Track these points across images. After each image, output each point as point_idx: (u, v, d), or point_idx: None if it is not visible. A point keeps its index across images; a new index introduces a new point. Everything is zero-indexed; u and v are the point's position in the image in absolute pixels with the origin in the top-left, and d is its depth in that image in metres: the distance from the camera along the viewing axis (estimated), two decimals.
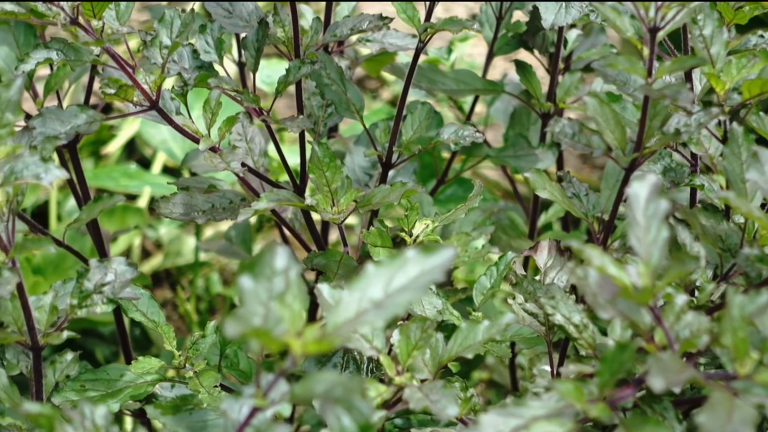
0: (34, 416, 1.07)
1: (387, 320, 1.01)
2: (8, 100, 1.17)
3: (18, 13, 1.28)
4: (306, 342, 1.00)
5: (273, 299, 1.02)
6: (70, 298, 1.29)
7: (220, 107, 1.40)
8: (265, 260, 1.03)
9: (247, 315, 1.00)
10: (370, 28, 1.45)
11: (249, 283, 1.02)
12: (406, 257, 1.02)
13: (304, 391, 1.02)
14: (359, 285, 1.02)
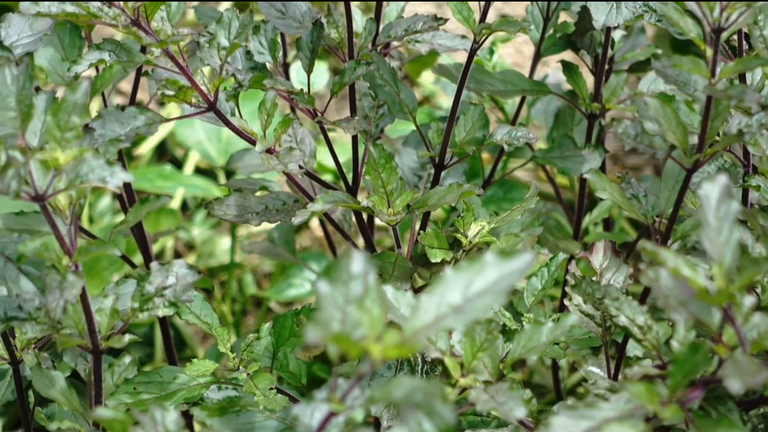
0: (108, 421, 1.07)
1: (466, 325, 1.01)
2: (74, 103, 1.16)
3: (79, 14, 1.27)
4: (386, 347, 1.00)
5: (349, 304, 1.02)
6: (131, 301, 1.28)
7: (275, 108, 1.39)
8: (342, 265, 1.02)
9: (326, 320, 1.00)
10: (424, 29, 1.44)
11: (326, 287, 1.01)
12: (485, 261, 1.01)
13: (382, 395, 1.01)
14: (437, 289, 1.01)
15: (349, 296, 1.02)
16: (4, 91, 1.16)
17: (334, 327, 1.00)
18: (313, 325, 0.99)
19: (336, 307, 1.01)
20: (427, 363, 1.46)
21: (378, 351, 1.00)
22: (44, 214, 1.19)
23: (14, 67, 1.17)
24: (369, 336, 1.00)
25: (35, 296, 1.27)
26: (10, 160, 1.12)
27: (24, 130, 1.17)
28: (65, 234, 1.21)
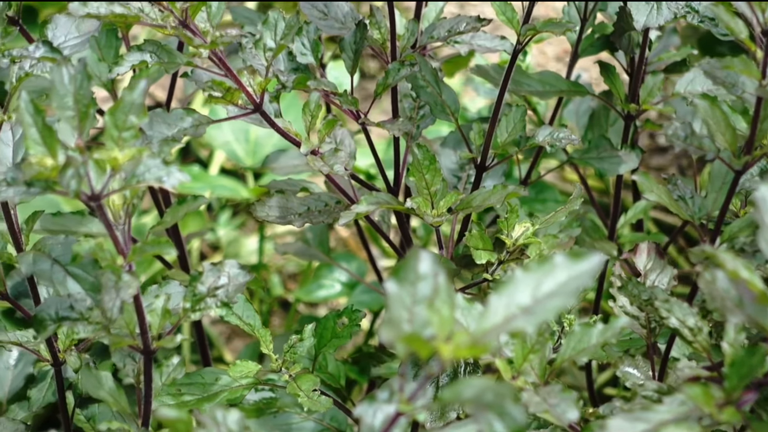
0: (171, 421, 1.07)
1: (537, 326, 1.01)
2: (131, 102, 1.16)
3: (128, 15, 1.27)
4: (457, 348, 1.00)
5: (417, 304, 1.02)
6: (183, 301, 1.28)
7: (319, 110, 1.39)
8: (410, 265, 1.02)
9: (398, 321, 1.00)
10: (467, 29, 1.44)
11: (394, 287, 1.01)
12: (555, 263, 1.01)
13: (452, 396, 1.01)
14: (506, 290, 1.01)
15: (417, 296, 1.02)
16: (62, 90, 1.16)
17: (406, 328, 1.00)
18: (386, 326, 0.99)
19: (404, 307, 1.01)
20: (469, 365, 1.46)
21: (448, 351, 1.00)
22: (99, 214, 1.18)
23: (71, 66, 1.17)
24: (439, 336, 1.00)
25: (87, 296, 1.27)
26: (69, 160, 1.12)
27: (82, 129, 1.16)
28: (119, 234, 1.21)
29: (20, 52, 1.25)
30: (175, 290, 1.41)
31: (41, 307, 1.26)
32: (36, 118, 1.15)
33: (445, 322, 1.01)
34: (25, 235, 1.38)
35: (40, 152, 1.15)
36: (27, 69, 1.30)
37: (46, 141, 1.14)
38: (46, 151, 1.15)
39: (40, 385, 1.52)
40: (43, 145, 1.15)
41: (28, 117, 1.15)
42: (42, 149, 1.15)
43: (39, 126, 1.15)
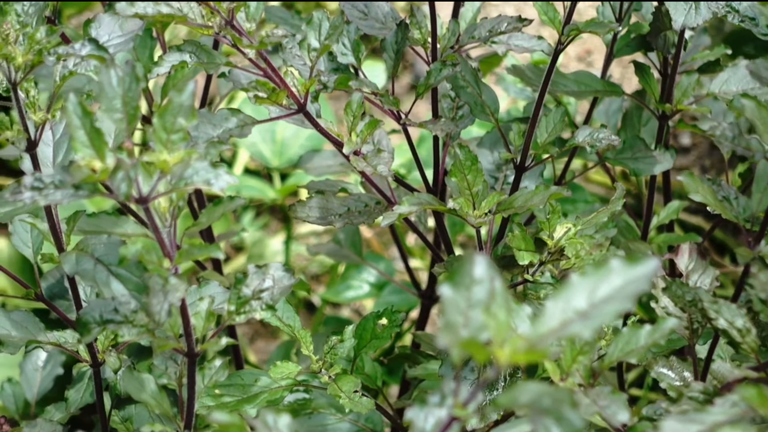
0: (224, 425, 1.06)
1: (594, 330, 1.00)
2: (180, 104, 1.15)
3: (175, 15, 1.26)
4: (514, 352, 0.99)
5: (472, 308, 1.01)
6: (228, 304, 1.27)
7: (361, 110, 1.39)
8: (464, 269, 1.02)
9: (455, 325, 1.00)
10: (508, 29, 1.43)
11: (449, 292, 1.01)
12: (610, 267, 1.00)
13: (508, 401, 1.01)
14: (563, 295, 1.01)
15: (472, 300, 1.02)
16: (110, 92, 1.15)
17: (463, 333, 0.99)
18: (444, 331, 0.98)
19: (458, 312, 1.01)
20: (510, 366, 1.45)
21: (505, 356, 0.99)
22: (147, 217, 1.18)
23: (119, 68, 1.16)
24: (495, 341, 1.00)
25: (131, 299, 1.26)
26: (120, 163, 1.12)
27: (130, 131, 1.16)
28: (165, 237, 1.20)
29: (66, 50, 1.24)
30: (215, 291, 1.41)
31: (85, 309, 1.26)
32: (84, 120, 1.15)
33: (501, 326, 1.00)
34: (66, 235, 1.37)
35: (88, 155, 1.14)
36: (70, 67, 1.29)
37: (94, 143, 1.14)
38: (94, 154, 1.14)
39: (78, 386, 1.52)
40: (91, 148, 1.14)
41: (75, 119, 1.15)
42: (90, 152, 1.14)
43: (87, 128, 1.14)
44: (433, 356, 1.63)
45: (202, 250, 1.20)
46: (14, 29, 1.26)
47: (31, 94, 1.30)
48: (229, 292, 1.41)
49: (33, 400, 1.95)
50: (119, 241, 1.31)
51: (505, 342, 1.00)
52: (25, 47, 1.25)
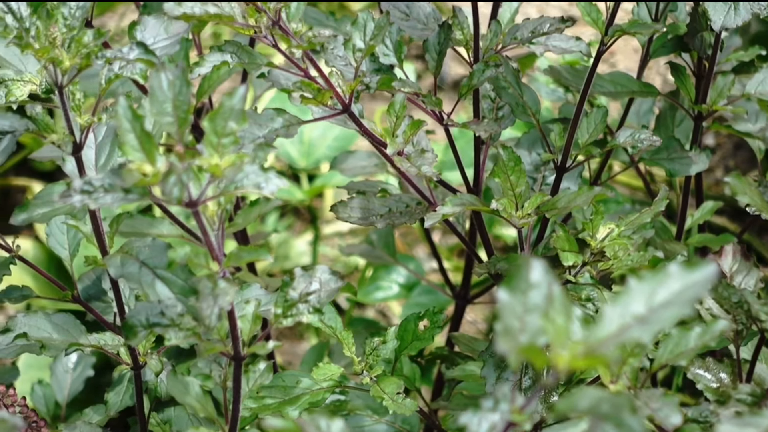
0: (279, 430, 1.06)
1: (653, 336, 1.00)
2: (231, 108, 1.15)
3: (223, 15, 1.26)
4: (574, 357, 0.99)
5: (528, 313, 1.01)
6: (274, 307, 1.27)
7: (404, 111, 1.38)
8: (521, 273, 1.01)
9: (513, 330, 0.99)
10: (551, 30, 1.43)
11: (506, 296, 1.01)
12: (669, 272, 1.00)
13: (567, 407, 1.01)
14: (621, 300, 1.00)
15: (528, 305, 1.01)
16: (161, 96, 1.15)
17: (522, 338, 0.99)
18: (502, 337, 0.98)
19: (515, 317, 1.01)
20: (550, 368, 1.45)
21: (564, 362, 0.99)
22: (197, 221, 1.18)
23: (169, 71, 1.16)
24: (554, 346, 1.00)
25: (177, 302, 1.26)
26: (171, 167, 1.11)
27: (181, 135, 1.16)
28: (213, 240, 1.20)
29: (114, 54, 1.24)
30: (258, 294, 1.41)
31: (132, 313, 1.25)
32: (134, 123, 1.14)
33: (560, 331, 1.00)
34: (110, 237, 1.37)
35: (138, 158, 1.14)
36: (116, 70, 1.29)
37: (144, 147, 1.14)
38: (144, 158, 1.14)
39: (117, 389, 1.52)
40: (141, 152, 1.14)
41: (125, 122, 1.14)
42: (140, 155, 1.14)
43: (137, 132, 1.14)
44: (470, 357, 1.62)
45: (251, 254, 1.20)
46: (61, 32, 1.25)
47: (77, 97, 1.30)
48: (270, 294, 1.41)
49: (63, 402, 1.95)
50: (164, 244, 1.31)
51: (564, 347, 1.00)
52: (72, 51, 1.25)
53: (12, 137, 1.28)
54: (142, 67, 1.29)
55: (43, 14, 1.26)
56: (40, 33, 1.25)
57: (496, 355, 1.45)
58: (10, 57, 1.49)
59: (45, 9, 1.25)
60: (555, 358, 0.99)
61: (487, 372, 1.44)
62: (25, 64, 1.49)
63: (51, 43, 1.24)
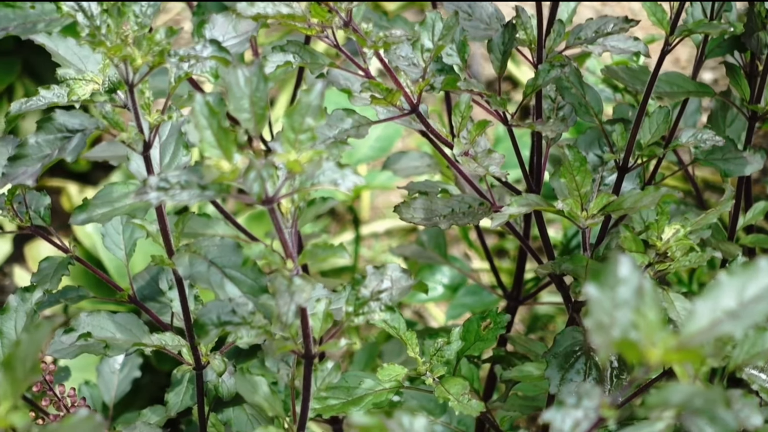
0: (365, 427, 1.06)
1: (744, 330, 0.99)
2: (309, 104, 1.15)
3: (295, 15, 1.25)
4: (666, 352, 0.99)
5: (617, 308, 1.01)
6: (345, 305, 1.27)
7: (469, 111, 1.38)
8: (610, 269, 1.01)
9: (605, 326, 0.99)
10: (615, 30, 1.43)
11: (595, 292, 1.00)
12: (758, 267, 1.00)
13: (659, 402, 1.01)
14: (711, 294, 1.00)
15: (617, 300, 1.01)
16: (238, 93, 1.15)
17: (615, 333, 0.99)
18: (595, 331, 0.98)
19: (604, 312, 1.01)
20: (614, 368, 1.45)
21: (656, 356, 0.99)
22: (272, 218, 1.17)
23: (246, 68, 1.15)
24: (646, 341, 0.99)
25: (247, 301, 1.26)
26: (251, 164, 1.11)
27: (258, 132, 1.15)
28: (288, 237, 1.20)
29: (187, 52, 1.24)
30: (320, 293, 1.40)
31: (202, 311, 1.25)
32: (211, 120, 1.14)
33: (652, 326, 0.99)
34: (176, 238, 1.36)
35: (215, 155, 1.14)
36: (185, 69, 1.29)
37: (221, 144, 1.14)
38: (221, 154, 1.14)
39: (177, 389, 1.51)
40: (218, 148, 1.14)
41: (203, 119, 1.14)
42: (217, 152, 1.14)
43: (214, 129, 1.14)
44: (527, 358, 1.62)
45: (326, 251, 1.19)
46: (132, 30, 1.25)
47: (146, 95, 1.29)
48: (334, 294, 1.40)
49: (111, 402, 1.94)
50: (233, 243, 1.31)
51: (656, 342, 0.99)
52: (144, 49, 1.25)
53: (82, 135, 1.28)
54: (212, 65, 1.28)
55: (114, 12, 1.25)
56: (111, 31, 1.24)
57: (559, 355, 1.45)
58: (70, 56, 1.49)
59: (116, 7, 1.25)
60: (647, 352, 0.99)
61: (551, 373, 1.43)
62: (85, 63, 1.49)
63: (123, 41, 1.24)
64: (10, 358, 1.03)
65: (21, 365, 1.03)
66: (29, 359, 1.03)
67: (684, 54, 2.69)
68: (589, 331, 0.99)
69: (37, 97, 1.39)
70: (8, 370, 1.03)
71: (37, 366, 1.03)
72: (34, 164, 1.27)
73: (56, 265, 1.53)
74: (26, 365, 1.03)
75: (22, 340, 1.03)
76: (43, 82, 2.71)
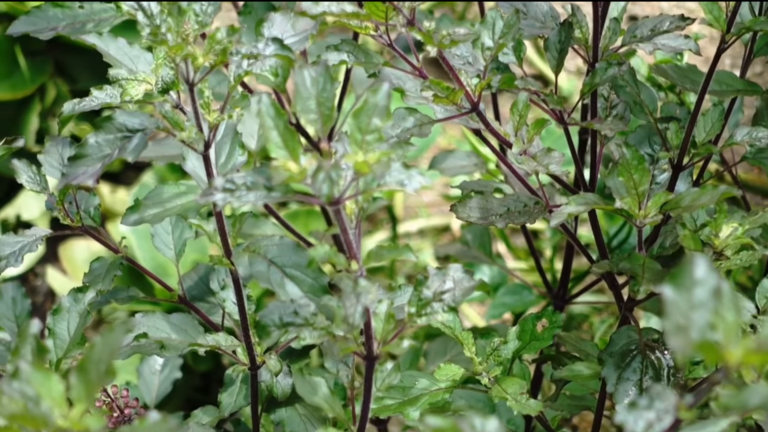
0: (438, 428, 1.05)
1: None
2: (375, 104, 1.14)
3: (360, 14, 1.25)
4: (747, 353, 0.98)
5: (694, 309, 1.00)
6: (408, 306, 1.26)
7: (527, 110, 1.37)
8: (686, 270, 1.01)
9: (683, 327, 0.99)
10: (671, 28, 1.42)
11: (671, 293, 1.00)
12: None
13: (735, 403, 1.00)
14: None
15: (693, 302, 1.00)
16: (305, 93, 1.14)
17: (693, 335, 0.98)
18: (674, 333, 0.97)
19: (680, 313, 1.00)
20: (671, 367, 1.44)
21: (736, 357, 0.98)
22: (337, 218, 1.17)
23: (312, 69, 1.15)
24: (725, 342, 0.99)
25: (309, 301, 1.25)
26: (321, 164, 1.11)
27: (325, 133, 1.15)
28: (352, 238, 1.19)
29: (249, 50, 1.23)
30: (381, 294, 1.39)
31: (264, 313, 1.24)
32: (277, 121, 1.14)
33: (730, 328, 0.99)
34: (233, 237, 1.36)
35: (281, 156, 1.13)
36: (245, 68, 1.28)
37: (287, 144, 1.13)
38: (287, 155, 1.13)
39: (230, 390, 1.51)
40: (284, 149, 1.13)
41: (269, 120, 1.14)
42: (284, 153, 1.13)
43: (280, 129, 1.13)
44: (577, 358, 1.61)
45: (391, 252, 1.19)
46: (192, 29, 1.25)
47: (206, 94, 1.29)
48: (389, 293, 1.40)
49: (152, 403, 1.94)
50: (292, 242, 1.30)
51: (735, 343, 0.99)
52: (205, 47, 1.24)
53: (143, 135, 1.27)
54: (271, 64, 1.28)
55: (175, 11, 1.25)
56: (171, 30, 1.24)
57: (615, 355, 1.44)
58: (120, 56, 1.49)
59: (176, 6, 1.25)
60: (726, 354, 0.98)
61: (608, 372, 1.43)
62: (136, 63, 1.48)
63: (184, 40, 1.24)
64: (85, 361, 1.02)
65: (95, 368, 1.03)
66: (103, 362, 1.03)
67: (710, 52, 2.68)
68: (666, 333, 0.98)
69: (90, 98, 1.39)
70: (82, 373, 1.03)
71: (111, 369, 1.03)
72: (94, 164, 1.26)
73: (108, 265, 1.53)
74: (100, 368, 1.03)
75: (96, 343, 1.03)
76: (75, 82, 2.71)
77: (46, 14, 1.59)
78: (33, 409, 1.02)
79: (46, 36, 1.59)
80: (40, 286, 2.66)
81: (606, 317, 2.39)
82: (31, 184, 1.55)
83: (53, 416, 1.02)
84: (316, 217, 2.29)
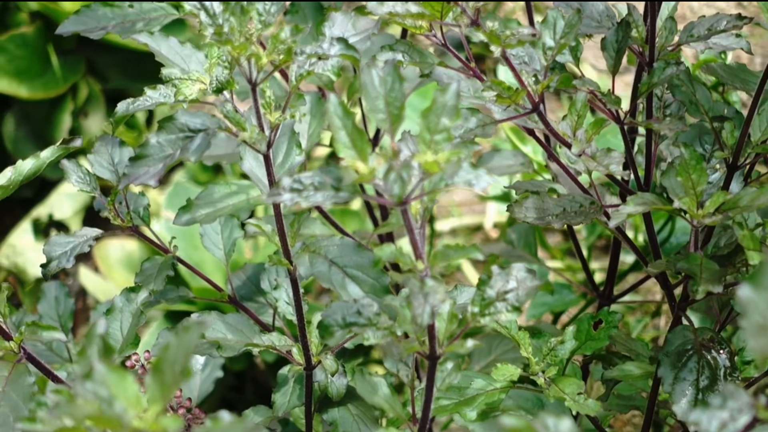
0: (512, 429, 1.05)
1: None
2: (444, 104, 1.14)
3: (425, 14, 1.25)
4: None
5: None
6: (471, 305, 1.26)
7: (586, 110, 1.37)
8: (764, 271, 1.00)
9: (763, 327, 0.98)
10: (728, 27, 1.42)
11: (749, 293, 1.00)
12: None
13: None
14: None
15: None
16: (373, 92, 1.14)
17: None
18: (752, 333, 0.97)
19: (758, 313, 1.00)
20: (726, 367, 1.44)
21: None
22: (404, 218, 1.16)
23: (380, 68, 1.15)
24: None
25: (373, 302, 1.25)
26: (392, 165, 1.10)
27: (394, 132, 1.14)
28: (418, 238, 1.19)
29: (314, 50, 1.23)
30: None
31: (327, 312, 1.24)
32: (345, 120, 1.13)
33: None
34: (291, 237, 1.36)
35: (350, 156, 1.13)
36: (307, 67, 1.28)
37: (355, 144, 1.13)
38: (356, 155, 1.13)
39: (284, 390, 1.50)
40: (352, 149, 1.13)
41: (337, 120, 1.13)
42: (352, 153, 1.13)
43: (348, 129, 1.13)
44: (628, 357, 1.61)
45: (458, 252, 1.19)
46: (256, 29, 1.24)
47: (267, 94, 1.28)
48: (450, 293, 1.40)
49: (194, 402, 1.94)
50: (353, 242, 1.30)
51: None
52: (269, 47, 1.24)
53: (205, 135, 1.27)
54: (333, 64, 1.27)
55: (237, 11, 1.25)
56: (234, 29, 1.24)
57: (671, 354, 1.44)
58: (172, 56, 1.49)
59: (239, 6, 1.24)
60: None
61: (664, 371, 1.43)
62: (188, 63, 1.48)
63: (248, 40, 1.23)
64: (159, 361, 1.02)
65: (170, 369, 1.02)
66: (179, 363, 1.03)
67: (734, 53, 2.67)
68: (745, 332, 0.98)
69: (144, 98, 1.39)
70: (157, 374, 1.02)
71: (186, 370, 1.03)
72: (156, 164, 1.26)
73: (159, 265, 1.53)
74: (175, 369, 1.03)
75: (170, 343, 1.03)
76: (107, 81, 2.71)
77: (95, 14, 1.59)
78: (107, 410, 1.02)
79: (97, 35, 1.59)
80: (71, 285, 2.66)
81: (640, 316, 2.38)
82: (81, 184, 1.54)
83: (128, 417, 1.01)
84: (350, 216, 2.29)
